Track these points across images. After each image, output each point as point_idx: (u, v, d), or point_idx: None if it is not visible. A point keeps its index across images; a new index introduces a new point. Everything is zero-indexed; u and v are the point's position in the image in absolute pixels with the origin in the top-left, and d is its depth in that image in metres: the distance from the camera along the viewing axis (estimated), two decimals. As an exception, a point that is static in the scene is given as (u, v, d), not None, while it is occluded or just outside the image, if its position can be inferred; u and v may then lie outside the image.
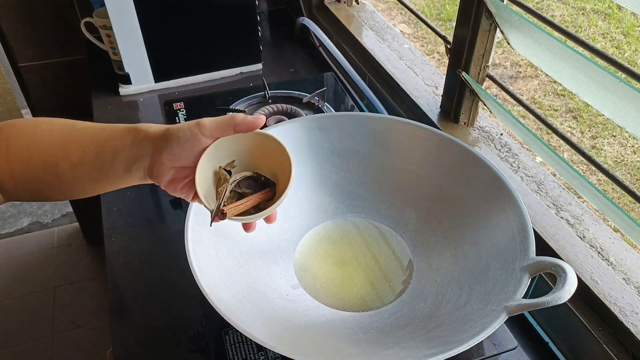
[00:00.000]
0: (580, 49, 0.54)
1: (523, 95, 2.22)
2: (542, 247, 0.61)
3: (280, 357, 0.57)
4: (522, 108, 0.86)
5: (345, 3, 1.16)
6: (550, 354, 0.60)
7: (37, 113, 1.34)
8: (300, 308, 0.59)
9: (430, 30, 0.91)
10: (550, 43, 0.58)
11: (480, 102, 0.77)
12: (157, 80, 1.02)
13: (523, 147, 0.79)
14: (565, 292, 0.44)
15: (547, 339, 0.61)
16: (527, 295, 0.49)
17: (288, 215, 0.67)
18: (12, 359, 1.45)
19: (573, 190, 0.67)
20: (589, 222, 0.64)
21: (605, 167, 0.55)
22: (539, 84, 2.28)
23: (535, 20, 0.60)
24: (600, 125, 2.05)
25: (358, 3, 1.16)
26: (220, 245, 0.58)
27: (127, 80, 1.00)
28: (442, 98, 0.84)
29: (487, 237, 0.58)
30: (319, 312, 0.59)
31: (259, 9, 1.22)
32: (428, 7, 2.80)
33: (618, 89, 0.50)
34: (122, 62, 0.98)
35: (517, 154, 0.75)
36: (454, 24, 0.75)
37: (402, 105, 0.90)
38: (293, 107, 0.89)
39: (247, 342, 0.58)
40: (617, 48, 2.37)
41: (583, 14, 2.59)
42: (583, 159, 0.93)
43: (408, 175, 0.67)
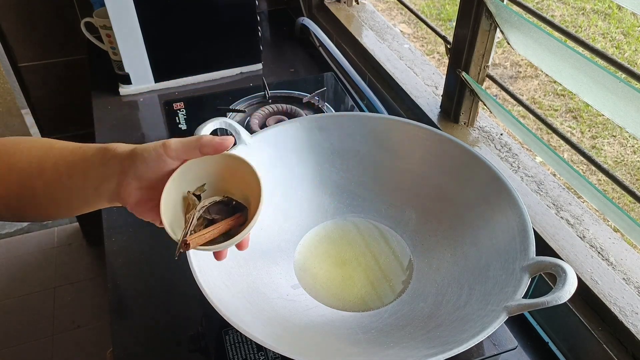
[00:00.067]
0: (580, 49, 0.54)
1: (523, 95, 2.22)
2: (542, 247, 0.61)
3: (280, 357, 0.57)
4: (522, 108, 0.86)
5: (345, 3, 1.16)
6: (550, 354, 0.60)
7: (37, 113, 1.34)
8: (300, 308, 0.58)
9: (430, 30, 0.91)
10: (550, 43, 0.58)
11: (480, 102, 0.77)
12: (157, 80, 1.02)
13: (523, 147, 0.79)
14: (565, 292, 0.44)
15: (547, 339, 0.61)
16: (527, 295, 0.48)
17: (288, 215, 0.67)
18: (12, 359, 1.45)
19: (573, 190, 0.67)
20: (589, 222, 0.64)
21: (605, 167, 0.55)
22: (539, 84, 2.28)
23: (535, 20, 0.60)
24: (600, 125, 2.05)
25: (358, 3, 1.16)
26: (220, 245, 0.58)
27: (127, 80, 1.00)
28: (442, 98, 0.84)
29: (487, 237, 0.58)
30: (319, 312, 0.59)
31: (259, 9, 1.22)
32: (428, 7, 2.80)
33: (618, 89, 0.50)
34: (122, 62, 0.98)
35: (517, 154, 0.75)
36: (454, 24, 0.75)
37: (402, 105, 0.90)
38: (293, 107, 0.89)
39: (247, 342, 0.58)
40: (617, 48, 2.37)
41: (583, 14, 2.59)
42: (583, 159, 0.93)
43: (408, 175, 0.67)
